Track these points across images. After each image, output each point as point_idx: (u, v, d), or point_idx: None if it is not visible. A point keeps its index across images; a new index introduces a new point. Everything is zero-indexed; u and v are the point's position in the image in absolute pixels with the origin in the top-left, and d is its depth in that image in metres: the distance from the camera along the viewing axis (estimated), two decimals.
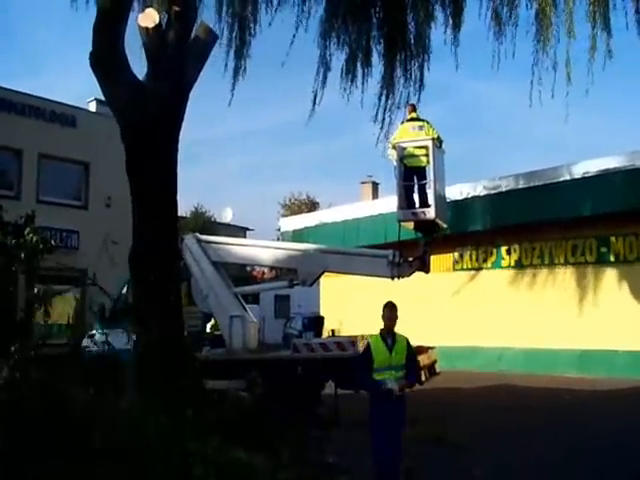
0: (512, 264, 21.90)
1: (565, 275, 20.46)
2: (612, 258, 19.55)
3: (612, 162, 18.46)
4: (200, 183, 74.01)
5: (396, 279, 12.61)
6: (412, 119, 12.47)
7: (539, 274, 21.14)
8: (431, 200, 11.98)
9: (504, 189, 20.95)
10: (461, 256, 23.30)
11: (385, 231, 18.82)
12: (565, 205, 18.77)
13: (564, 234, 20.32)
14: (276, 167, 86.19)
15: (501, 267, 22.20)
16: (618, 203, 17.83)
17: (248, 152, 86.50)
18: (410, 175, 12.15)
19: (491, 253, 22.54)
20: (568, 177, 19.29)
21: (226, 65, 14.13)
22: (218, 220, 43.59)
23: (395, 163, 12.19)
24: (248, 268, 42.91)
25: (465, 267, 23.22)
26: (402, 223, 12.39)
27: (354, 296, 24.92)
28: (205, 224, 39.48)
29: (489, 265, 22.55)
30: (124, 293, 14.04)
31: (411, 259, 12.50)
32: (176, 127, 10.94)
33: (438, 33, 13.85)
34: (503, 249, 22.14)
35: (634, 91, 72.40)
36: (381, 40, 14.60)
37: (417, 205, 12.14)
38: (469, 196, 21.46)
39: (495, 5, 12.77)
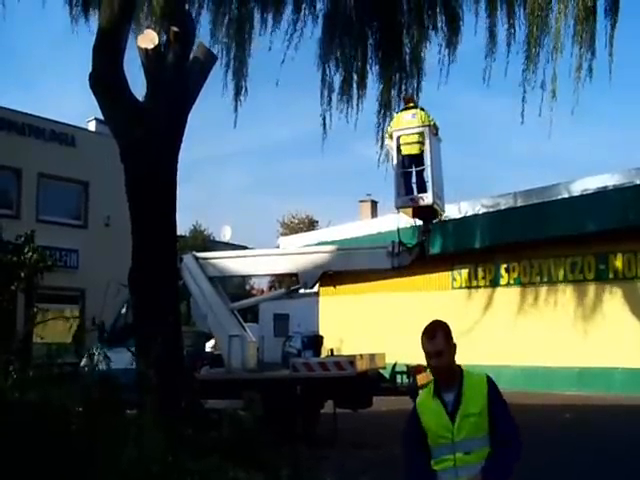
0: (511, 282, 21.88)
1: (564, 293, 20.43)
2: (611, 275, 19.55)
3: (610, 179, 18.53)
4: (198, 201, 74.11)
5: (397, 269, 12.65)
6: (408, 108, 12.51)
7: (538, 292, 21.10)
8: (428, 186, 11.98)
9: (503, 207, 21.00)
10: (459, 274, 23.31)
11: None
12: (564, 223, 18.78)
13: (563, 252, 20.31)
14: (275, 185, 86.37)
15: (500, 285, 22.17)
16: (617, 220, 17.86)
17: (247, 170, 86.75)
18: (407, 163, 12.17)
19: (490, 271, 22.53)
20: (567, 195, 19.36)
21: (226, 86, 14.34)
22: (217, 239, 43.62)
23: (392, 152, 12.23)
24: (247, 286, 42.91)
25: (464, 285, 23.20)
26: (400, 210, 12.38)
27: (353, 315, 24.94)
28: (204, 243, 39.49)
29: (488, 283, 22.54)
30: (123, 313, 14.03)
31: (410, 247, 12.45)
32: (175, 147, 10.99)
33: (434, 52, 14.18)
34: (502, 267, 22.11)
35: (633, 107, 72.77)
36: (377, 61, 14.82)
37: (415, 192, 12.14)
38: (468, 214, 21.49)
39: (490, 26, 13.05)
